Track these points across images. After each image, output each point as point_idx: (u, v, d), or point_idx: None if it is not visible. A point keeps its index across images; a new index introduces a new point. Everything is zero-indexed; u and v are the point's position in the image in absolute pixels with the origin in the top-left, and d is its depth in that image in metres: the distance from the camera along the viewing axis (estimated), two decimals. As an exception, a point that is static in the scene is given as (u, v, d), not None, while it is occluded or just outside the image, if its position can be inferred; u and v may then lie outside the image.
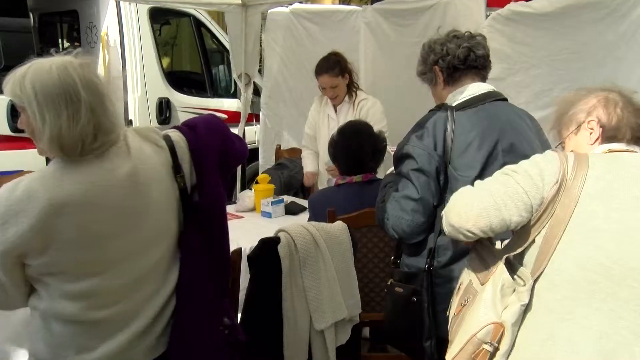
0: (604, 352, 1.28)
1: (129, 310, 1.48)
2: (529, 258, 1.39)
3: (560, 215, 1.33)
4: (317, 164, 3.92)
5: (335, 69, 3.60)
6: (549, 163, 1.39)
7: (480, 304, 1.40)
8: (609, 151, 1.47)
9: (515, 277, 1.40)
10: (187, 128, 1.59)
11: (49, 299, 1.43)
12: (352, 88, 3.69)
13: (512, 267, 1.42)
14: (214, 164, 1.56)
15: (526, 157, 1.96)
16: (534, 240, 1.38)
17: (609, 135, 1.48)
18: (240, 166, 5.12)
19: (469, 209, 1.41)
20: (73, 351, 1.44)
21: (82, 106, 1.35)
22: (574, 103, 1.55)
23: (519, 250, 1.40)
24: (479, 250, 1.54)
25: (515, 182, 1.39)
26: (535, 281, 1.36)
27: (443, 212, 1.52)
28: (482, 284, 1.44)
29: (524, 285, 1.36)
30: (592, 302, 1.30)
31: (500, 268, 1.41)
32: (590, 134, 1.50)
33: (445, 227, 1.49)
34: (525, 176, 1.39)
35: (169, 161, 1.52)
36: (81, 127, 1.34)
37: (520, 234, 1.42)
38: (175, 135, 1.56)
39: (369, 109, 3.60)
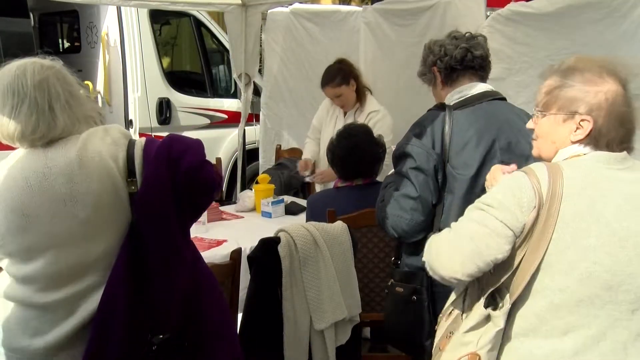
0: (602, 353, 1.31)
1: (74, 298, 1.49)
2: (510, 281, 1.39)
3: (539, 238, 1.32)
4: (316, 152, 3.88)
5: (335, 79, 3.53)
6: (523, 190, 1.34)
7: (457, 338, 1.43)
8: (582, 154, 1.39)
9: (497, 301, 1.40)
10: (160, 141, 1.56)
11: (8, 282, 1.52)
12: (360, 94, 3.61)
13: (500, 292, 1.41)
14: (162, 182, 1.50)
15: (524, 155, 1.98)
16: (517, 266, 1.37)
17: (592, 139, 1.39)
18: (240, 166, 5.14)
19: (453, 261, 1.40)
20: (28, 335, 1.49)
21: (27, 101, 1.46)
22: (584, 82, 1.39)
23: (503, 279, 1.39)
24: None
25: (493, 217, 1.35)
26: (517, 303, 1.37)
27: (426, 262, 1.50)
28: (465, 317, 1.45)
29: (502, 308, 1.36)
30: (590, 311, 1.32)
31: (480, 303, 1.41)
32: (576, 130, 1.39)
33: (434, 276, 1.48)
34: (502, 209, 1.35)
35: (124, 164, 1.51)
36: (23, 118, 1.45)
37: (503, 262, 1.39)
38: (139, 143, 1.56)
39: (377, 121, 3.51)
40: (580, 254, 1.30)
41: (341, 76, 3.54)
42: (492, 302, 1.40)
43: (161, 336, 1.53)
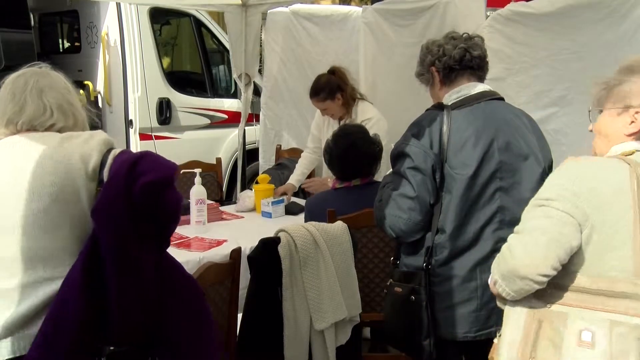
0: None
1: (22, 288, 1.50)
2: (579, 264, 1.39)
3: (603, 220, 1.34)
4: (305, 174, 3.87)
5: (320, 94, 3.51)
6: (578, 179, 1.37)
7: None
8: (634, 151, 1.42)
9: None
10: (131, 154, 1.54)
11: None
12: (348, 106, 3.57)
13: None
14: (116, 193, 1.46)
15: (522, 155, 1.99)
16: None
17: None
18: (240, 166, 5.14)
19: (533, 256, 1.37)
20: None
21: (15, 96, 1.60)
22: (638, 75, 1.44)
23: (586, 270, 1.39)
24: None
25: (555, 209, 1.37)
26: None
27: (498, 275, 1.45)
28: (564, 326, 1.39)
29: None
30: None
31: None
32: (631, 123, 1.43)
33: (511, 287, 1.42)
34: (561, 200, 1.37)
35: (94, 170, 1.53)
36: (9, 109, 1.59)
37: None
38: (113, 152, 1.55)
39: (371, 127, 3.45)
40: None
41: (327, 91, 3.50)
42: None
43: (112, 348, 1.50)
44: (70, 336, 1.44)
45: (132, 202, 1.44)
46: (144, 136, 5.17)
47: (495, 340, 1.59)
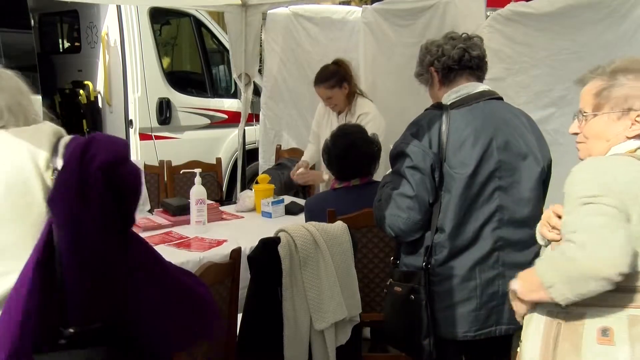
0: None
1: None
2: None
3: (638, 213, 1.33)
4: (315, 156, 3.87)
5: (330, 81, 3.51)
6: (614, 174, 1.36)
7: None
8: (638, 149, 1.43)
9: None
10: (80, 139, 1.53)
11: None
12: (351, 98, 3.58)
13: None
14: (71, 180, 1.45)
15: (521, 154, 1.99)
16: None
17: None
18: (240, 166, 5.14)
19: (611, 254, 1.29)
20: None
21: None
22: (636, 79, 1.44)
23: None
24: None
25: (607, 205, 1.32)
26: None
27: (554, 283, 1.36)
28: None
29: None
30: None
31: None
32: (632, 126, 1.44)
33: (576, 292, 1.33)
34: (609, 195, 1.33)
35: (46, 162, 1.51)
36: None
37: None
38: (63, 141, 1.53)
39: (367, 123, 3.45)
40: None
41: (336, 79, 3.52)
42: None
43: (72, 330, 1.47)
44: (26, 325, 1.42)
45: (89, 186, 1.42)
46: (144, 136, 5.17)
47: (518, 350, 1.56)
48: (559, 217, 1.47)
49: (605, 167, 1.38)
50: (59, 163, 1.48)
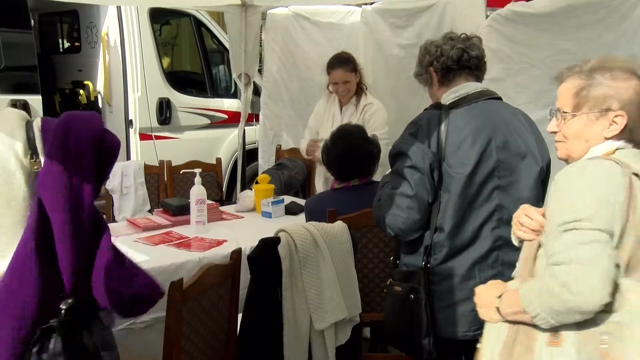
0: None
1: None
2: None
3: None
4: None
5: (349, 65, 3.61)
6: (592, 189, 1.33)
7: None
8: (616, 149, 1.43)
9: None
10: (57, 121, 1.58)
11: None
12: (360, 88, 3.68)
13: None
14: (59, 160, 1.52)
15: (520, 154, 1.99)
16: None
17: (626, 133, 1.43)
18: (240, 166, 5.14)
19: (595, 291, 1.28)
20: None
21: None
22: (613, 79, 1.43)
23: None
24: None
25: (590, 229, 1.31)
26: None
27: (540, 312, 1.35)
28: (613, 312, 1.33)
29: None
30: None
31: (632, 286, 1.32)
32: (610, 126, 1.43)
33: (561, 320, 1.34)
34: (591, 219, 1.32)
35: (24, 146, 1.56)
36: None
37: None
38: (36, 124, 1.59)
39: (373, 113, 3.59)
40: None
41: (353, 64, 3.63)
42: None
43: (70, 300, 1.54)
44: (34, 292, 1.49)
45: (84, 159, 1.52)
46: (144, 136, 5.17)
47: (478, 345, 1.58)
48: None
49: (588, 182, 1.35)
50: (40, 146, 1.55)
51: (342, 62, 3.62)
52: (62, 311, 1.54)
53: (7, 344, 1.50)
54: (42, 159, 1.55)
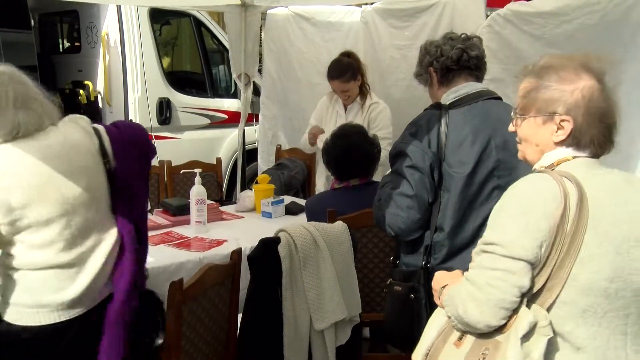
0: None
1: (83, 256, 1.84)
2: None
3: (565, 249, 1.29)
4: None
5: (346, 75, 3.57)
6: (536, 205, 1.30)
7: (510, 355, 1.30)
8: (572, 157, 1.38)
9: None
10: (113, 126, 2.01)
11: (22, 254, 1.78)
12: (364, 89, 3.67)
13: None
14: (131, 155, 1.97)
15: None
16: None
17: (574, 138, 1.37)
18: (240, 166, 5.14)
19: (484, 314, 1.31)
20: (50, 292, 1.79)
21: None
22: (560, 80, 1.37)
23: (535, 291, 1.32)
24: None
25: (500, 255, 1.31)
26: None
27: (454, 317, 1.39)
28: (503, 332, 1.33)
29: (545, 320, 1.29)
30: (594, 321, 1.30)
31: (524, 312, 1.30)
32: (557, 131, 1.37)
33: (462, 329, 1.39)
34: (501, 244, 1.31)
35: (96, 145, 1.89)
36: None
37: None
38: (102, 130, 1.94)
39: (378, 113, 3.59)
40: (586, 265, 1.28)
41: (351, 72, 3.59)
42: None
43: (147, 273, 2.04)
44: (130, 277, 1.90)
45: (150, 152, 2.06)
46: (144, 136, 5.16)
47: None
48: None
49: (521, 206, 1.31)
50: (109, 149, 1.91)
51: (340, 72, 3.58)
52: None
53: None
54: (111, 158, 1.90)
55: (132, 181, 1.96)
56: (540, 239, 1.28)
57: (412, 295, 2.02)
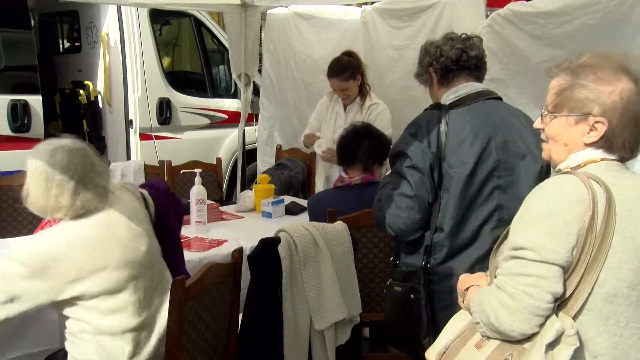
0: None
1: (152, 317, 1.95)
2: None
3: (593, 256, 1.27)
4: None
5: (345, 73, 3.58)
6: (563, 206, 1.27)
7: None
8: (601, 160, 1.35)
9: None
10: (152, 189, 2.24)
11: (98, 319, 1.88)
12: (364, 89, 3.67)
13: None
14: (169, 212, 2.25)
15: (520, 154, 2.00)
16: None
17: (606, 141, 1.34)
18: (240, 166, 5.15)
19: (518, 321, 1.28)
20: (127, 357, 1.89)
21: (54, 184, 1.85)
22: (597, 81, 1.33)
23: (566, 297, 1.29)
24: None
25: (532, 260, 1.28)
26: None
27: (484, 324, 1.36)
28: (531, 340, 1.30)
29: (572, 329, 1.26)
30: (616, 330, 1.29)
31: (551, 319, 1.28)
32: (590, 132, 1.34)
33: (494, 336, 1.36)
34: (535, 249, 1.28)
35: (143, 206, 2.11)
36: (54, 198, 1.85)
37: None
38: (145, 193, 2.17)
39: (378, 113, 3.60)
40: (611, 271, 1.26)
41: (350, 71, 3.59)
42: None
43: None
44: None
45: (181, 208, 2.40)
46: (144, 136, 5.17)
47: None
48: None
49: (550, 208, 1.28)
50: (151, 206, 2.16)
51: (340, 70, 3.59)
52: None
53: None
54: (152, 214, 2.14)
55: (170, 234, 2.22)
56: (571, 243, 1.26)
57: (412, 296, 2.02)
